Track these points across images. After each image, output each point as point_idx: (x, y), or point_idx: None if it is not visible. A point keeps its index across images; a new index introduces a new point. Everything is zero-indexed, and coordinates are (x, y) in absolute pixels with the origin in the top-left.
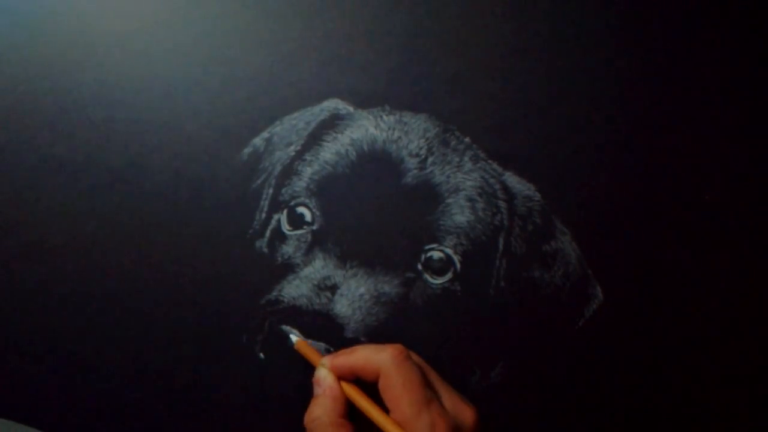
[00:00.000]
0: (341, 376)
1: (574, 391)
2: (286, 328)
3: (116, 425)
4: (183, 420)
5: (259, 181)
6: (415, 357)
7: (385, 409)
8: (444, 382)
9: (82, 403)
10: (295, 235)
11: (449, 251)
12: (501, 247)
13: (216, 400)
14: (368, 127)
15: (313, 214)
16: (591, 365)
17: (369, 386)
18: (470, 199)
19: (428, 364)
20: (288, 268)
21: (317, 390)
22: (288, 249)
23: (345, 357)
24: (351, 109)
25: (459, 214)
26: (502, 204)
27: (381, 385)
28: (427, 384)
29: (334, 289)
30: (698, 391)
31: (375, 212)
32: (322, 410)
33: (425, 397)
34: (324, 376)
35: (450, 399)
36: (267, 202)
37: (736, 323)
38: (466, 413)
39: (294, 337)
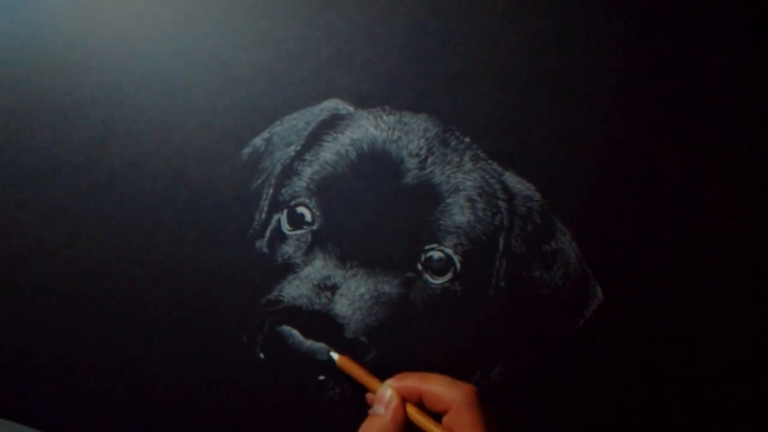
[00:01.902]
0: (405, 398)
1: (574, 391)
2: (285, 328)
3: (116, 425)
4: (183, 420)
5: (259, 181)
6: None
7: None
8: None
9: (82, 403)
10: (295, 235)
11: (449, 251)
12: (501, 247)
13: (216, 400)
14: (368, 127)
15: (313, 214)
16: (591, 365)
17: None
18: (470, 199)
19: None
20: (288, 268)
21: (378, 409)
22: (288, 249)
23: (417, 381)
24: (351, 109)
25: (459, 214)
26: (502, 204)
27: (449, 419)
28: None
29: (334, 289)
30: (698, 391)
31: (375, 212)
32: (380, 431)
33: None
34: (390, 397)
35: None
36: (267, 202)
37: (736, 323)
38: None
39: (335, 355)
